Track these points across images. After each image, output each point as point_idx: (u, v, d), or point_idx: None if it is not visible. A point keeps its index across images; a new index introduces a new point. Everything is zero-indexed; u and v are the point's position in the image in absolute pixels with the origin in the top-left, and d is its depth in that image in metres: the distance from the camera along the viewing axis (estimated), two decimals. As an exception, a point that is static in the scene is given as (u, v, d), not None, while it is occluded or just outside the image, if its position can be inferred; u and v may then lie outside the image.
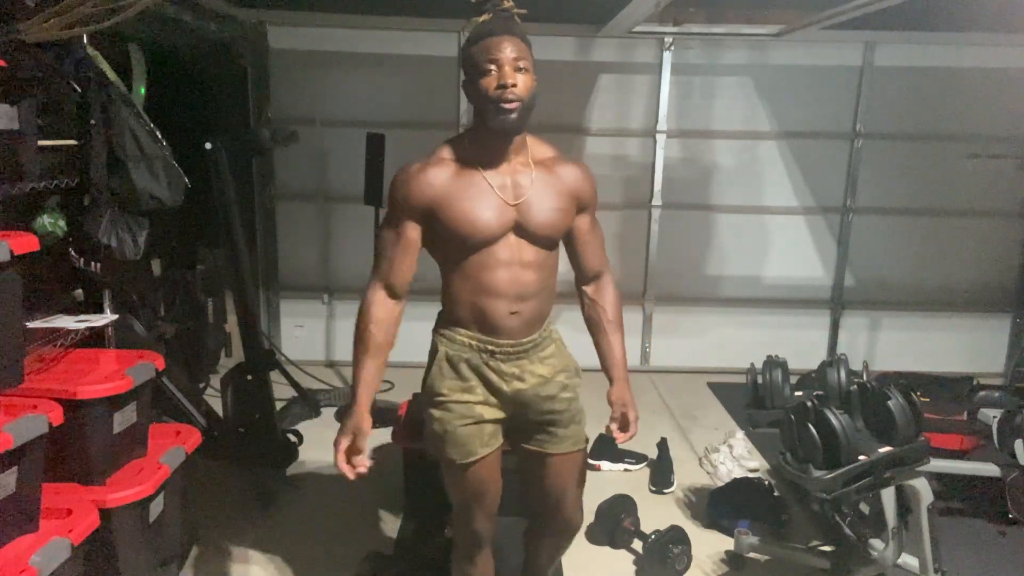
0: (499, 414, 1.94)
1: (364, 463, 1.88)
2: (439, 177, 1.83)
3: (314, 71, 4.80)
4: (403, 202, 1.84)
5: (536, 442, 2.00)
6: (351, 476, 1.87)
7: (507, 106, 1.74)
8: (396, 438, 3.08)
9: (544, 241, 1.91)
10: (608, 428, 2.06)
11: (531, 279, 1.89)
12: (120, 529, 2.32)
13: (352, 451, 1.89)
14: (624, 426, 2.05)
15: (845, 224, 5.08)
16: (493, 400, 1.93)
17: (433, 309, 1.99)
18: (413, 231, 1.87)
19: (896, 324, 5.22)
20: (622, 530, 2.92)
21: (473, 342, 1.90)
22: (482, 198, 1.82)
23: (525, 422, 1.98)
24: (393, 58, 4.80)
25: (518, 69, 1.76)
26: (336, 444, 1.88)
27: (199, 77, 4.26)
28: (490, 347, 1.90)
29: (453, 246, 1.86)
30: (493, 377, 1.91)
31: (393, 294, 1.91)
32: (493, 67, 1.75)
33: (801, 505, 3.24)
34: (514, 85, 1.74)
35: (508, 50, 1.75)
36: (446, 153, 1.87)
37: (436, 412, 1.92)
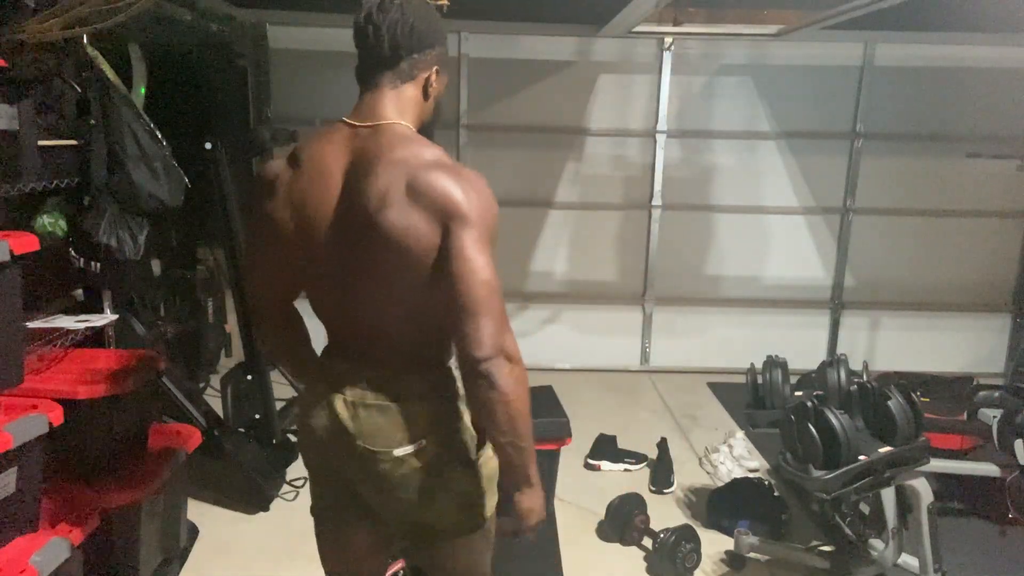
0: None
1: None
2: None
3: (314, 71, 4.79)
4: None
5: None
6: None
7: None
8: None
9: None
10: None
11: None
12: (120, 529, 2.32)
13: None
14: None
15: (845, 224, 5.07)
16: None
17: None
18: None
19: (896, 324, 5.22)
20: (633, 527, 2.93)
21: None
22: None
23: None
24: (393, 58, 4.79)
25: None
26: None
27: (199, 77, 4.25)
28: None
29: None
30: None
31: None
32: None
33: (801, 505, 3.24)
34: None
35: None
36: None
37: None
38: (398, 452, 1.44)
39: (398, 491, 1.48)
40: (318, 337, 1.62)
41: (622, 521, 2.96)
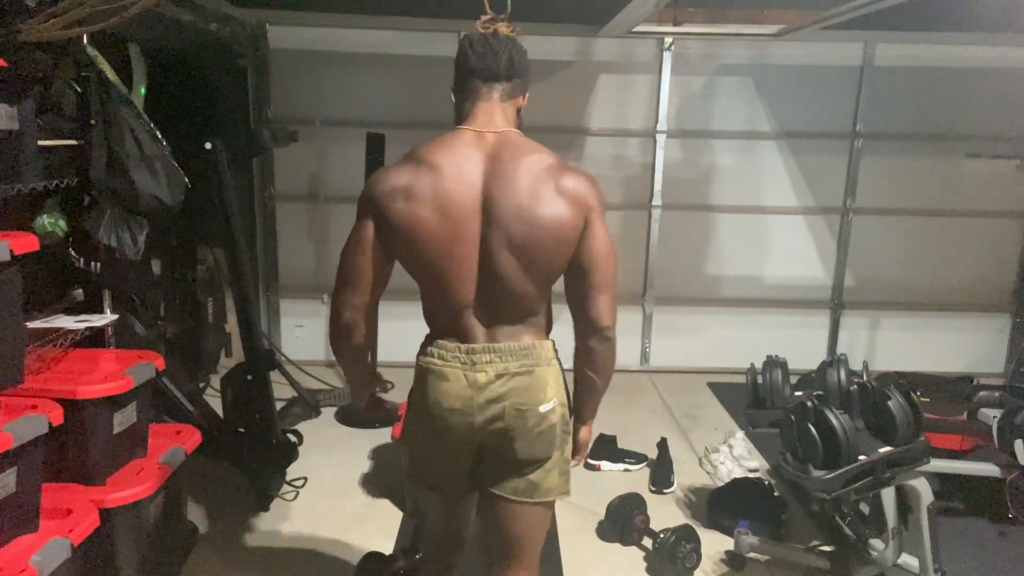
0: None
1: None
2: None
3: (314, 71, 4.79)
4: None
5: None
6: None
7: None
8: (397, 438, 3.08)
9: None
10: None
11: None
12: (120, 529, 2.32)
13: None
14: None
15: (845, 224, 5.08)
16: None
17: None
18: None
19: (896, 324, 5.22)
20: (633, 527, 2.93)
21: None
22: None
23: None
24: (393, 58, 4.80)
25: None
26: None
27: (199, 77, 4.25)
28: None
29: None
30: None
31: None
32: None
33: (801, 505, 3.24)
34: None
35: None
36: None
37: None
38: (543, 408, 1.71)
39: (536, 447, 1.73)
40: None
41: (622, 521, 2.96)
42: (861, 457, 2.30)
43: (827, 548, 2.72)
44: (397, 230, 1.63)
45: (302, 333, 5.12)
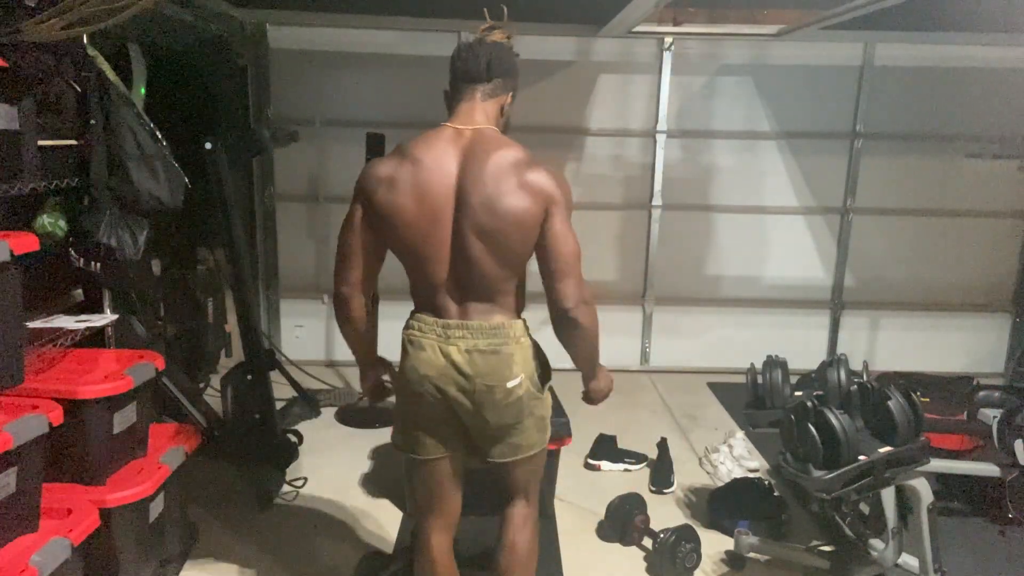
0: None
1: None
2: None
3: (314, 71, 4.80)
4: None
5: None
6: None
7: None
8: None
9: None
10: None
11: None
12: (120, 529, 2.33)
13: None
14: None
15: (845, 224, 5.08)
16: None
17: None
18: None
19: (896, 324, 5.22)
20: (633, 527, 2.94)
21: None
22: None
23: None
24: (393, 58, 4.80)
25: None
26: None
27: (199, 77, 4.25)
28: None
29: None
30: None
31: None
32: None
33: (801, 505, 3.24)
34: None
35: None
36: None
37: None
38: (509, 384, 1.88)
39: (505, 416, 1.91)
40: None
41: (622, 521, 2.96)
42: (861, 457, 2.30)
43: (827, 548, 2.72)
44: (381, 215, 1.85)
45: (302, 333, 5.12)
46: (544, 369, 1.98)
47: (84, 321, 2.61)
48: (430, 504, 2.06)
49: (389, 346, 2.12)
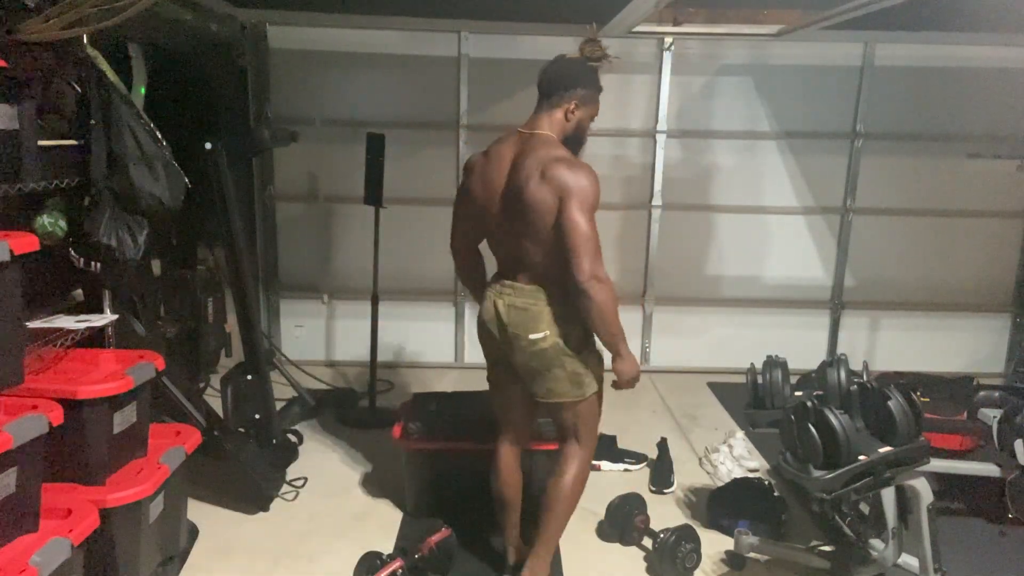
0: None
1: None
2: None
3: (314, 71, 4.79)
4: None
5: None
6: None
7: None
8: (396, 438, 3.08)
9: None
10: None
11: None
12: (120, 529, 2.32)
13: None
14: None
15: (845, 224, 5.07)
16: None
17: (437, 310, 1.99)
18: None
19: (896, 324, 5.22)
20: (633, 527, 2.94)
21: None
22: None
23: None
24: (393, 58, 4.80)
25: None
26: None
27: (199, 77, 4.25)
28: None
29: None
30: None
31: None
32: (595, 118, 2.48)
33: (801, 505, 3.24)
34: None
35: None
36: None
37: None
38: (532, 336, 2.33)
39: (532, 361, 2.37)
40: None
41: (622, 521, 2.96)
42: (861, 457, 2.30)
43: (827, 548, 2.73)
44: (462, 194, 2.50)
45: (302, 333, 5.12)
46: (587, 336, 2.36)
47: (84, 321, 2.61)
48: (500, 420, 2.62)
49: (390, 346, 2.13)
